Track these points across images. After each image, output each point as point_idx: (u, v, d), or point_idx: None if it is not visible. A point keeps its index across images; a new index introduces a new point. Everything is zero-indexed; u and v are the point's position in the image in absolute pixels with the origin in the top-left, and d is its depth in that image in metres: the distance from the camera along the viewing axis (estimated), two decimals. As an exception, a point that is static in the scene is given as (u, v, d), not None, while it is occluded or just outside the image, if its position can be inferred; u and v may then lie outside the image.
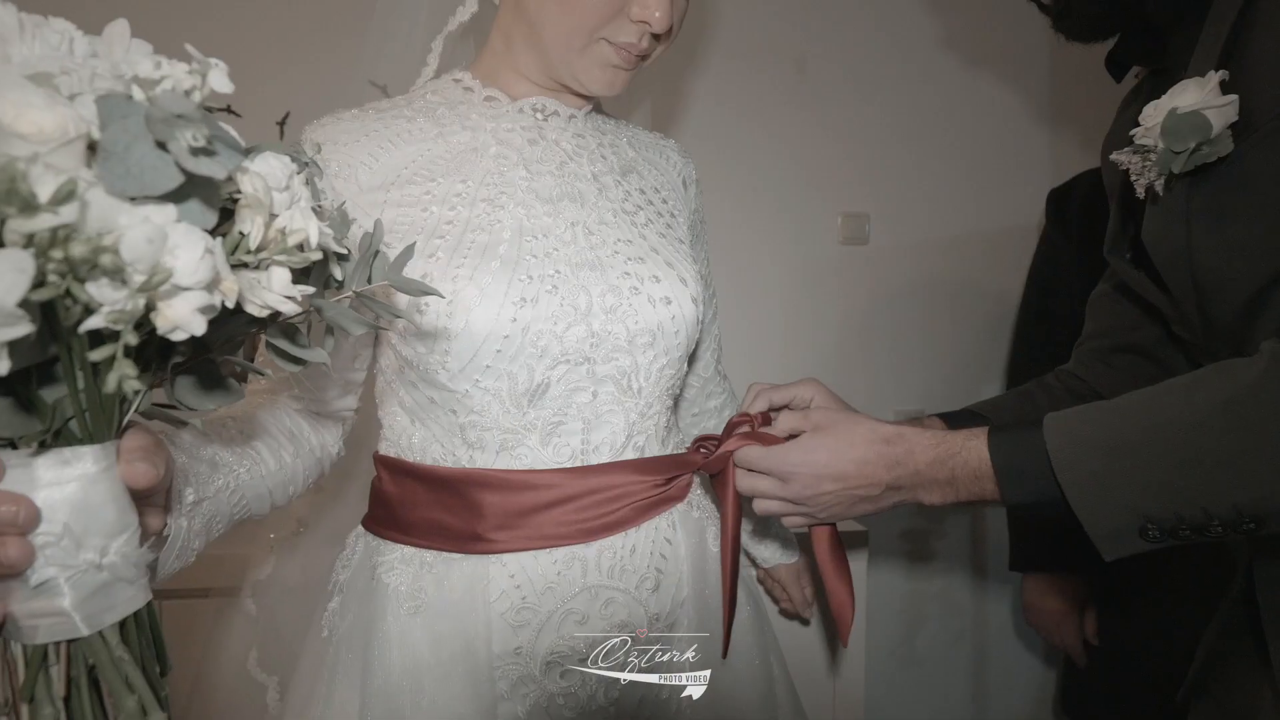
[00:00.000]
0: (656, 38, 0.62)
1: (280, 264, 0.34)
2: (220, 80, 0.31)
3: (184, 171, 0.27)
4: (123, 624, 0.35)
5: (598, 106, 0.73)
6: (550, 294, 0.59)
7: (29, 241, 0.26)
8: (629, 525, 0.63)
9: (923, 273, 1.64)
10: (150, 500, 0.41)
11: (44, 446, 0.32)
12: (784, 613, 1.04)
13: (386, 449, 0.65)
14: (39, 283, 0.26)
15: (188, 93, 0.30)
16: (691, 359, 0.82)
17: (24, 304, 0.26)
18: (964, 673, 1.71)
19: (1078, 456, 0.51)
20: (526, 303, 0.57)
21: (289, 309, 0.35)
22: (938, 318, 1.61)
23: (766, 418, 0.68)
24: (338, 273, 0.42)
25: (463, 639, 0.59)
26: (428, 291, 0.42)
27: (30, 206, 0.25)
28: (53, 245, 0.26)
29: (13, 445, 0.32)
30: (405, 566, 0.61)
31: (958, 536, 1.62)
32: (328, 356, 0.41)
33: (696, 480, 0.71)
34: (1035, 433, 0.53)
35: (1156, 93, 0.57)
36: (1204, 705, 0.69)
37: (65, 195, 0.26)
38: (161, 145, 0.27)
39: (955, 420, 0.78)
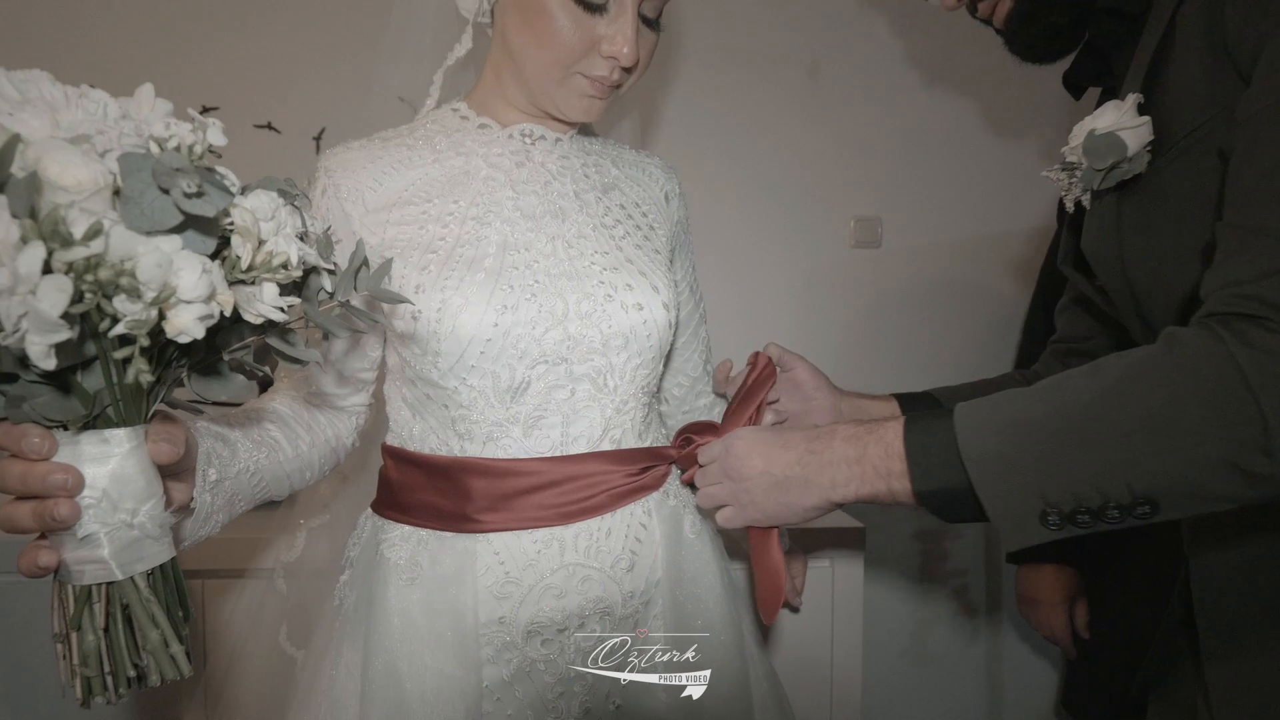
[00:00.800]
0: (627, 70, 0.69)
1: (269, 280, 0.42)
2: (216, 135, 0.39)
3: (182, 211, 0.35)
4: (150, 574, 0.44)
5: (584, 129, 0.80)
6: (529, 301, 0.66)
7: (68, 268, 0.34)
8: (605, 510, 0.70)
9: (934, 275, 1.66)
10: (176, 475, 0.50)
11: (87, 428, 0.41)
12: (778, 601, 1.08)
13: (391, 440, 0.73)
14: (76, 299, 0.34)
15: (192, 147, 0.38)
16: (680, 360, 0.88)
17: (65, 316, 0.34)
18: (976, 673, 1.71)
19: (982, 437, 0.54)
20: (507, 309, 0.64)
21: (279, 317, 0.43)
22: (949, 319, 1.62)
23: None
24: (328, 285, 0.49)
25: (453, 608, 0.66)
26: (402, 300, 0.50)
27: (68, 242, 0.34)
28: (86, 271, 0.34)
29: (64, 427, 0.41)
30: (404, 543, 0.69)
31: (972, 537, 1.63)
32: (320, 356, 0.49)
33: (676, 471, 0.76)
34: (947, 418, 0.56)
35: None
36: (1157, 702, 0.71)
37: (94, 233, 0.34)
38: (165, 191, 0.35)
39: (911, 402, 0.84)
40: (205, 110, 1.62)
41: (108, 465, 0.41)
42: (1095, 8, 0.65)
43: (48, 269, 0.34)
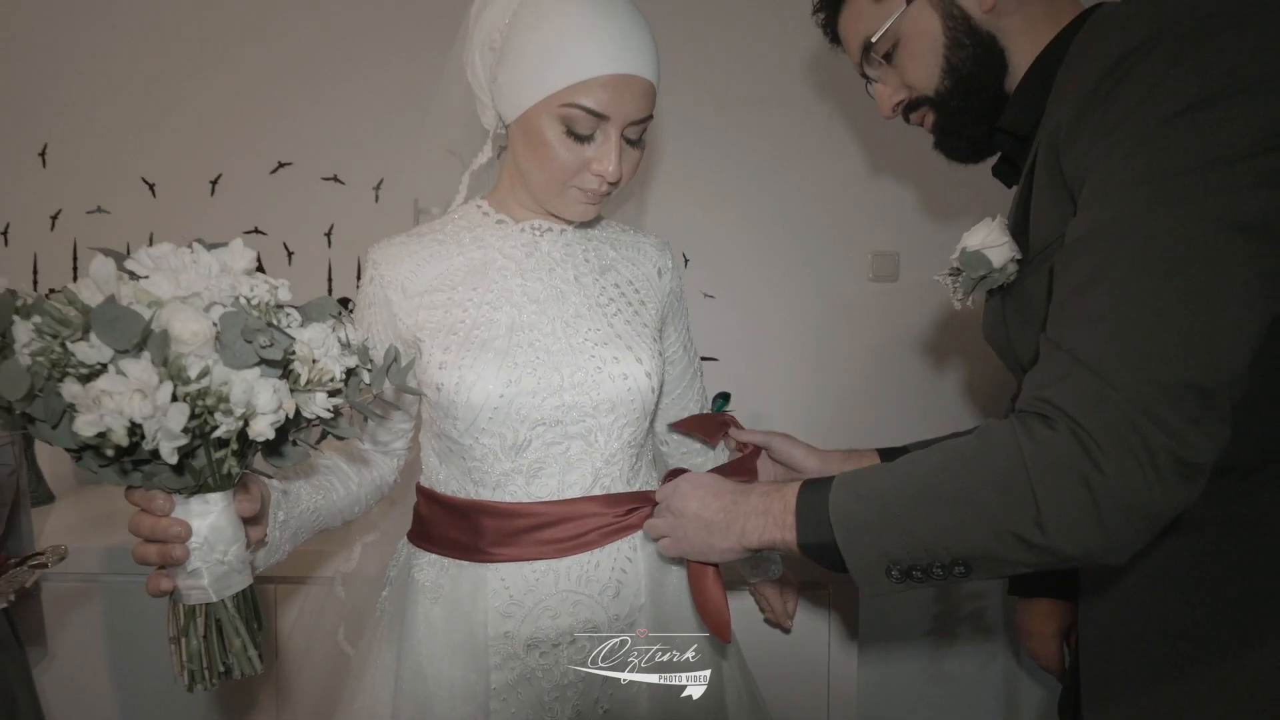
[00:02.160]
0: (614, 183, 0.82)
1: (320, 389, 0.57)
2: (285, 294, 0.55)
3: (258, 355, 0.51)
4: (235, 596, 0.60)
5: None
6: (531, 375, 0.80)
7: (186, 398, 0.50)
8: (595, 546, 0.84)
9: (951, 309, 1.73)
10: (255, 520, 0.66)
11: (194, 493, 0.57)
12: (768, 621, 1.21)
13: (423, 481, 0.89)
14: (191, 418, 0.51)
15: (266, 304, 0.54)
16: (676, 408, 1.01)
17: (184, 429, 0.50)
18: (994, 694, 1.77)
19: (846, 503, 0.63)
20: (512, 383, 0.79)
21: (329, 415, 0.59)
22: (965, 352, 1.70)
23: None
24: (365, 378, 0.65)
25: (467, 623, 0.82)
26: (418, 394, 0.65)
27: (187, 381, 0.50)
28: (197, 398, 0.50)
29: (179, 493, 0.57)
30: (430, 569, 0.84)
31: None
32: (360, 433, 0.65)
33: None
34: (829, 483, 0.66)
35: None
36: None
37: (204, 374, 0.50)
38: (248, 341, 0.51)
39: (891, 456, 0.95)
40: (281, 165, 1.84)
41: (208, 519, 0.58)
42: (997, 127, 0.76)
43: (173, 398, 0.50)
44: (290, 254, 1.79)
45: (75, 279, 1.77)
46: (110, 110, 1.74)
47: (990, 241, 0.68)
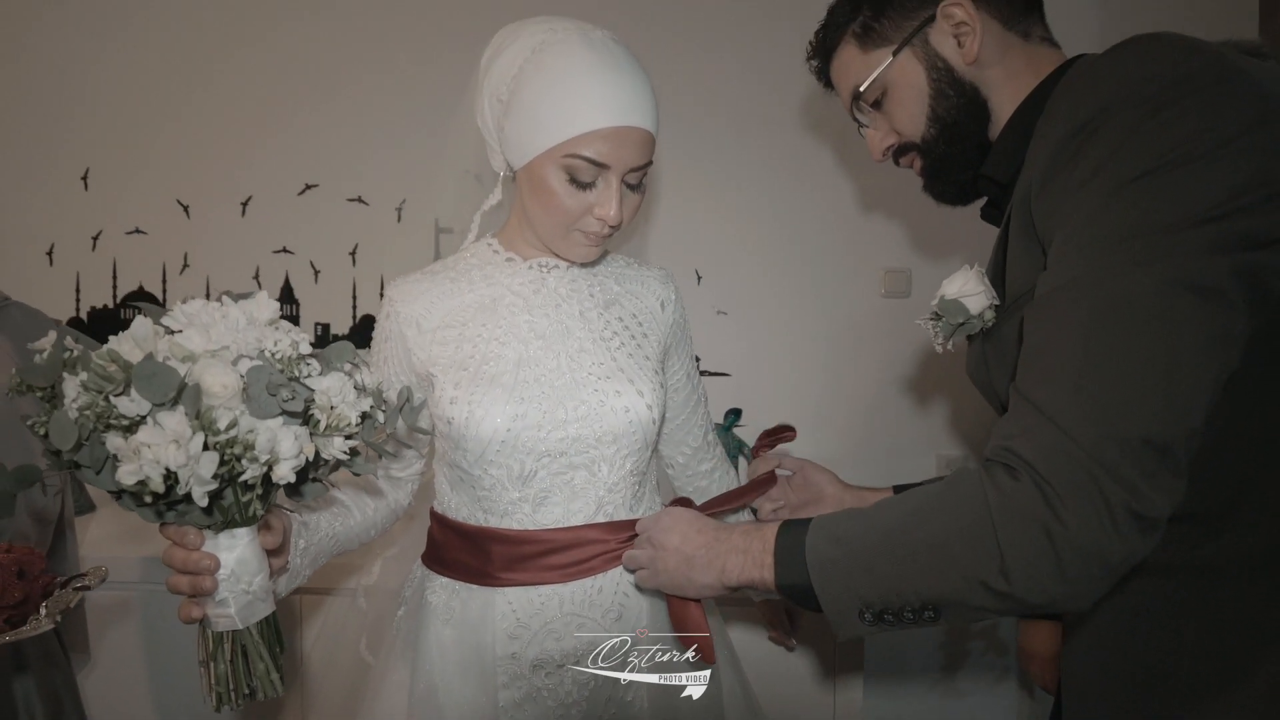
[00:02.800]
0: (615, 226, 0.86)
1: (337, 434, 0.62)
2: (304, 345, 0.60)
3: (280, 406, 0.56)
4: (259, 623, 0.65)
5: None
6: (536, 409, 0.84)
7: (216, 446, 0.55)
8: (598, 571, 0.88)
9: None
10: (277, 551, 0.71)
11: (222, 529, 0.63)
12: (772, 639, 1.24)
13: (437, 506, 0.94)
14: (220, 464, 0.56)
15: (289, 358, 0.59)
16: (681, 434, 1.04)
17: (214, 476, 0.55)
18: (1006, 710, 1.78)
19: (822, 545, 0.66)
20: (518, 418, 0.83)
21: (345, 457, 0.63)
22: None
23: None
24: (379, 419, 0.70)
25: (477, 644, 0.86)
26: (427, 433, 0.69)
27: (217, 432, 0.55)
28: (226, 447, 0.55)
29: (209, 528, 0.63)
30: (442, 591, 0.89)
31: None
32: (375, 469, 0.70)
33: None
34: (807, 525, 0.68)
35: None
36: None
37: (232, 425, 0.55)
38: (272, 395, 0.56)
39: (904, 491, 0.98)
40: (308, 187, 1.91)
41: (235, 552, 0.63)
42: (980, 173, 0.78)
43: (205, 447, 0.55)
44: (317, 272, 1.86)
45: (115, 298, 1.86)
46: (147, 136, 1.83)
47: (967, 290, 0.71)
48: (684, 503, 0.91)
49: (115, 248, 1.86)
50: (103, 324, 1.85)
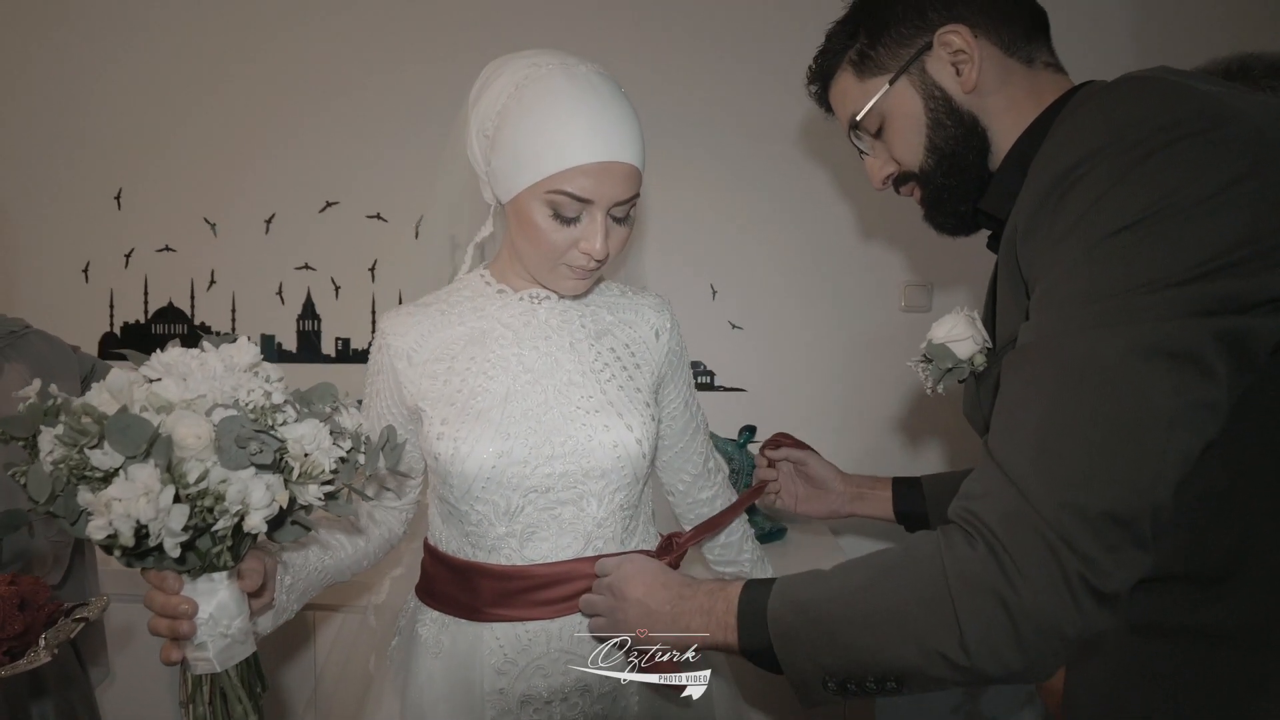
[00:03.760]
0: (601, 260, 0.85)
1: (312, 480, 0.63)
2: (278, 395, 0.61)
3: (249, 458, 0.57)
4: (239, 665, 0.66)
5: None
6: (523, 445, 0.84)
7: (187, 498, 0.56)
8: (587, 606, 0.87)
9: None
10: (260, 591, 0.72)
11: (199, 572, 0.64)
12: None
13: (430, 538, 0.94)
14: (191, 515, 0.56)
15: (263, 409, 0.59)
16: (680, 462, 1.03)
17: (184, 528, 0.56)
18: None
19: (783, 611, 0.63)
20: (503, 455, 0.83)
21: (321, 503, 0.64)
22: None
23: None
24: (360, 460, 0.70)
25: (465, 679, 0.86)
26: (408, 477, 0.69)
27: (187, 485, 0.55)
28: (196, 498, 0.56)
29: (188, 573, 0.64)
30: (433, 625, 0.89)
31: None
32: (355, 511, 0.70)
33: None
34: (769, 586, 0.66)
35: None
36: None
37: (202, 478, 0.56)
38: (241, 447, 0.57)
39: (902, 485, 1.00)
40: (329, 205, 1.94)
41: (213, 597, 0.64)
42: (977, 210, 0.75)
43: (175, 499, 0.56)
44: (337, 288, 1.89)
45: (146, 314, 1.92)
46: (176, 157, 1.88)
47: (956, 334, 0.68)
48: (667, 546, 0.90)
49: (146, 265, 1.92)
50: (135, 339, 1.91)
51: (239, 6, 1.85)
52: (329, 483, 0.64)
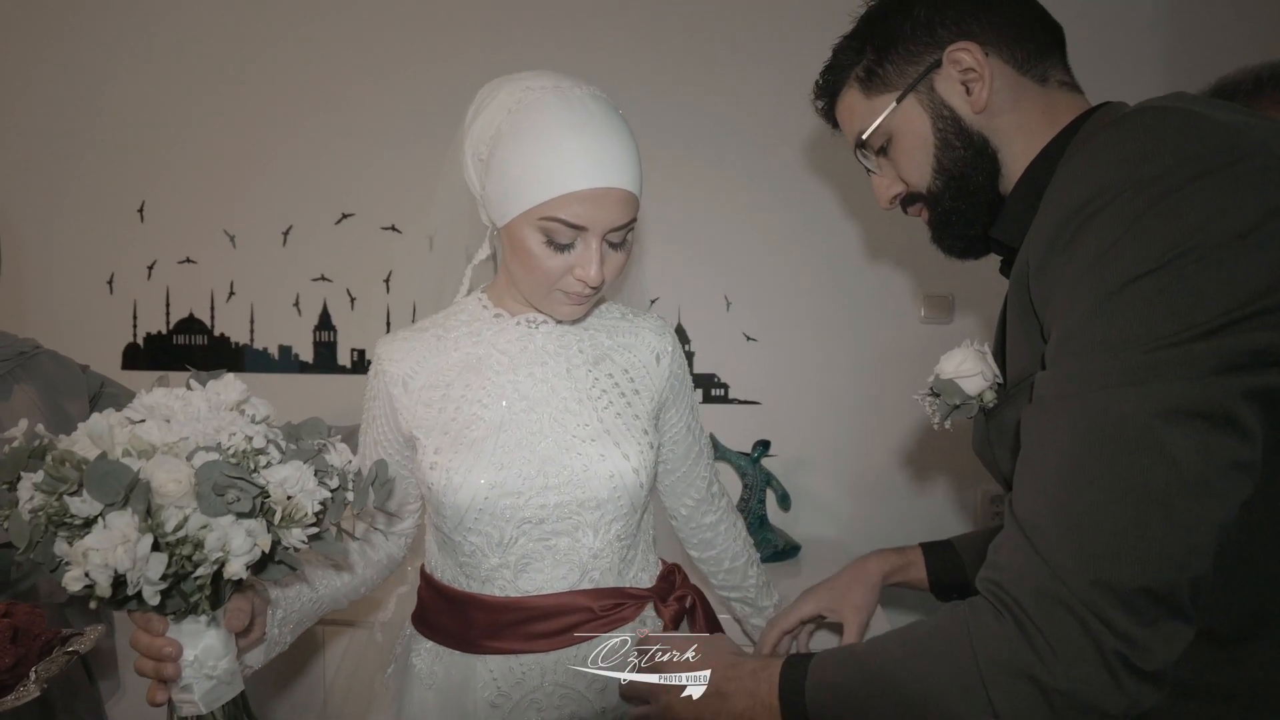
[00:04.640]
0: (596, 287, 0.83)
1: (295, 524, 0.62)
2: (260, 441, 0.60)
3: (227, 505, 0.56)
4: (225, 705, 0.66)
5: None
6: (516, 475, 0.82)
7: (165, 546, 0.55)
8: (581, 640, 0.85)
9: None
10: (248, 630, 0.72)
11: (184, 615, 0.63)
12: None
13: (426, 566, 0.93)
14: (170, 563, 0.56)
15: (244, 453, 0.59)
16: (683, 486, 1.01)
17: (162, 576, 0.55)
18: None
19: (819, 691, 0.61)
20: (496, 485, 0.81)
21: (304, 546, 0.63)
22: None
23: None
24: (349, 497, 0.69)
25: (459, 712, 0.85)
26: (394, 516, 0.68)
27: (165, 533, 0.55)
28: (175, 546, 0.56)
29: (172, 615, 0.63)
30: (427, 655, 0.89)
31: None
32: (345, 550, 0.69)
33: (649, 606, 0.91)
34: (804, 669, 0.63)
35: None
36: None
37: (180, 526, 0.55)
38: (219, 494, 0.56)
39: (934, 550, 0.93)
40: (344, 216, 1.95)
41: (199, 639, 0.64)
42: (987, 234, 0.72)
43: (154, 547, 0.55)
44: (353, 299, 1.90)
45: (168, 325, 1.95)
46: (198, 171, 1.91)
47: (965, 370, 0.65)
48: (669, 576, 0.88)
49: (168, 276, 1.95)
50: (157, 350, 1.94)
51: (259, 21, 1.86)
52: (315, 524, 0.64)
